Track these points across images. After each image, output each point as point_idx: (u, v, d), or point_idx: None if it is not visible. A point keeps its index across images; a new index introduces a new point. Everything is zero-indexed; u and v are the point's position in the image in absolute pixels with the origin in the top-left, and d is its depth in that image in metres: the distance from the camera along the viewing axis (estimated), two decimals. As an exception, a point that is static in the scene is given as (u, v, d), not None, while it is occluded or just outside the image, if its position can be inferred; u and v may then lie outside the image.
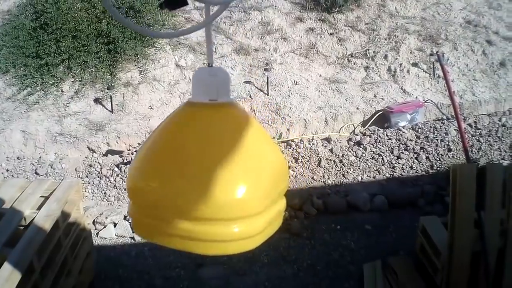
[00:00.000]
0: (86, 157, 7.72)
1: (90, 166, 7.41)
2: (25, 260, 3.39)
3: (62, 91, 8.62)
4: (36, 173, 7.52)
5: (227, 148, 1.30)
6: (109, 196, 6.93)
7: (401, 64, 9.06)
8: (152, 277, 5.28)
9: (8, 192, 4.38)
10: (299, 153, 7.28)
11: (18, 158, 7.94)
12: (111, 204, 6.84)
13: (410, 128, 7.66)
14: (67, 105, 8.42)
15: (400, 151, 7.17)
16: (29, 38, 9.06)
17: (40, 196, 4.34)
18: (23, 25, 9.25)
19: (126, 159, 7.29)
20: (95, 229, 6.22)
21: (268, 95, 8.23)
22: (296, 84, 8.68)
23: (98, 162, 7.42)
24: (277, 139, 7.58)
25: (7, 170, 7.71)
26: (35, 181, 4.61)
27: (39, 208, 4.09)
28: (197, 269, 5.36)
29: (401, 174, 6.84)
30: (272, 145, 1.49)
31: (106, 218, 6.35)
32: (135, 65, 8.77)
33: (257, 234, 1.33)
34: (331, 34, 9.63)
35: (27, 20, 9.33)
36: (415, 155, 7.09)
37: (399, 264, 4.81)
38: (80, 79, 8.67)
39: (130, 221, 6.21)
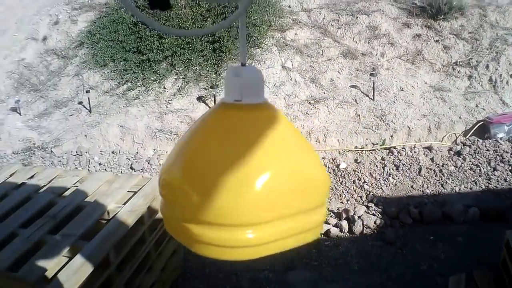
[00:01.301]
0: None
1: None
2: (100, 254, 3.68)
3: (164, 88, 9.09)
4: (131, 168, 8.02)
5: (238, 153, 1.30)
6: None
7: (501, 75, 8.95)
8: (240, 278, 5.41)
9: (94, 185, 4.71)
10: (400, 160, 7.33)
11: (113, 152, 8.48)
12: None
13: (507, 140, 7.60)
14: (169, 102, 8.87)
15: (497, 162, 7.12)
16: (130, 33, 9.55)
17: (128, 191, 4.64)
18: (123, 19, 9.79)
19: None
20: None
21: (373, 100, 8.29)
22: (402, 90, 8.72)
23: (196, 160, 7.65)
24: (380, 145, 7.63)
25: (100, 164, 8.30)
26: (123, 175, 4.94)
27: (125, 203, 4.37)
28: (286, 273, 5.46)
29: (495, 186, 6.77)
30: (305, 154, 1.46)
31: None
32: (242, 66, 8.95)
33: (252, 245, 1.35)
34: (436, 41, 9.61)
35: (127, 14, 9.86)
36: (510, 168, 7.01)
37: (481, 278, 4.80)
38: (183, 76, 9.09)
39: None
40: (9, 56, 10.95)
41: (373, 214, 6.26)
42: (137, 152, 8.28)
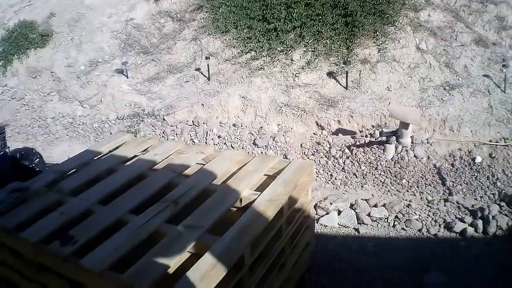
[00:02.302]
0: (314, 134, 7.72)
1: (318, 144, 7.40)
2: (235, 253, 3.11)
3: (292, 60, 8.70)
4: (254, 143, 7.69)
5: None
6: (335, 179, 6.89)
7: None
8: (372, 278, 5.14)
9: (223, 165, 4.25)
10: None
11: (234, 125, 8.15)
12: (336, 188, 6.80)
13: None
14: (297, 75, 8.48)
15: None
16: (255, 0, 9.23)
17: (264, 175, 4.18)
18: (248, -15, 9.47)
19: (358, 142, 7.16)
20: (316, 214, 6.14)
21: (505, 92, 7.84)
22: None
23: (327, 141, 7.38)
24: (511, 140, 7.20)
25: (219, 137, 7.99)
26: (258, 156, 4.45)
27: (260, 190, 3.85)
28: (422, 274, 5.14)
29: None
30: None
31: (331, 204, 6.25)
32: (374, 42, 8.61)
33: None
34: None
35: (252, -22, 9.56)
36: None
37: None
38: (312, 49, 8.68)
39: (356, 210, 6.13)
40: (115, 15, 10.79)
41: (506, 215, 5.92)
42: (261, 127, 7.91)
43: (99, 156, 4.64)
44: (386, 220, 5.98)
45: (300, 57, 8.71)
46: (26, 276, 3.54)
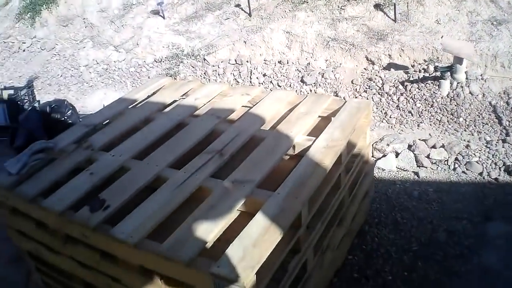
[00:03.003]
0: (364, 69, 7.37)
1: (370, 80, 7.07)
2: (291, 211, 2.75)
3: None
4: (302, 81, 7.41)
5: None
6: (390, 117, 6.57)
7: None
8: (435, 227, 4.84)
9: (273, 107, 3.96)
10: None
11: (279, 62, 7.86)
12: (392, 127, 6.49)
13: None
14: (343, 7, 8.13)
15: None
16: None
17: (318, 116, 3.86)
18: None
19: (412, 77, 6.82)
20: (372, 156, 5.81)
21: None
22: None
23: (380, 76, 7.03)
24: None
25: (264, 75, 7.72)
26: (310, 96, 4.09)
27: (314, 134, 3.52)
28: (485, 224, 4.86)
29: None
30: None
31: (388, 145, 5.96)
32: (418, -28, 8.20)
33: None
34: None
35: None
36: None
37: None
38: None
39: (415, 152, 5.82)
40: (145, -50, 10.57)
41: None
42: (308, 63, 7.59)
43: (134, 104, 4.43)
44: (446, 162, 5.67)
45: None
46: (53, 249, 3.33)
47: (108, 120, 4.18)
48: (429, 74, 6.75)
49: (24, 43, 10.56)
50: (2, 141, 6.96)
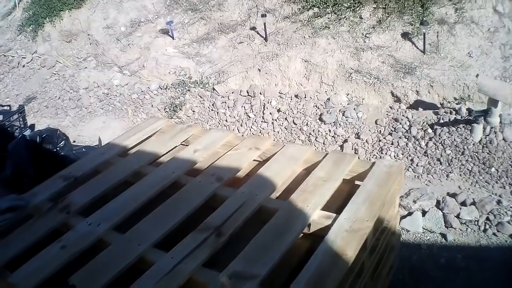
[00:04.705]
0: (390, 107, 7.09)
1: (395, 120, 6.78)
2: None
3: (360, 18, 8.18)
4: (320, 119, 7.14)
5: None
6: (417, 165, 6.30)
7: None
8: None
9: (286, 168, 3.59)
10: None
11: (296, 96, 7.58)
12: (418, 177, 6.22)
13: None
14: (367, 35, 7.93)
15: None
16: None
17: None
18: None
19: (442, 119, 6.52)
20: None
21: None
22: None
23: (406, 117, 6.73)
24: None
25: (279, 111, 7.48)
26: (330, 155, 3.71)
27: (334, 204, 3.19)
28: None
29: None
30: None
31: (414, 202, 5.67)
32: (450, 0, 7.95)
33: None
34: None
35: None
36: None
37: None
38: (383, 6, 8.14)
39: (444, 210, 5.55)
40: (158, -32, 10.37)
41: None
42: (327, 99, 7.34)
43: (125, 151, 4.17)
44: (476, 223, 5.41)
45: (370, 14, 8.19)
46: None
47: (91, 172, 3.92)
48: (461, 117, 6.45)
49: (24, 58, 10.46)
50: None
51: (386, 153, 6.49)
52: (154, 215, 3.18)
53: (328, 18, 8.33)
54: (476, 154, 6.18)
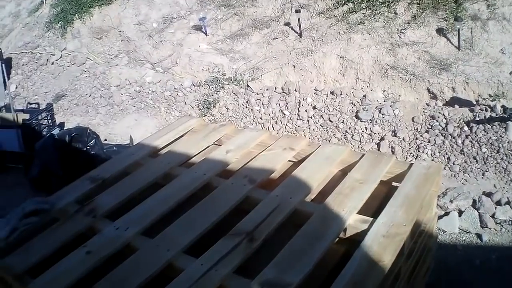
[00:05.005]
0: (426, 104, 7.08)
1: (432, 118, 6.78)
2: None
3: (395, 13, 8.20)
4: (356, 117, 7.16)
5: None
6: (453, 164, 6.31)
7: None
8: None
9: (322, 169, 3.51)
10: None
11: (332, 93, 7.59)
12: (454, 176, 6.24)
13: None
14: (403, 31, 7.97)
15: None
16: None
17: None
18: None
19: (478, 116, 6.50)
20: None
21: None
22: None
23: (443, 114, 6.70)
24: None
25: (314, 108, 7.49)
26: (367, 156, 3.63)
27: (371, 207, 3.12)
28: None
29: None
30: None
31: (451, 201, 5.68)
32: (485, -5, 7.82)
33: None
34: None
35: None
36: None
37: None
38: (418, 1, 8.19)
39: (479, 210, 5.57)
40: (190, -37, 10.34)
41: None
42: (364, 96, 7.38)
43: (154, 152, 4.12)
44: (510, 222, 5.43)
45: (405, 10, 8.21)
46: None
47: (120, 174, 3.86)
48: (496, 114, 6.46)
49: (53, 55, 10.61)
50: (17, 169, 7.00)
51: (423, 151, 6.49)
52: (184, 219, 3.12)
53: (363, 13, 8.35)
54: (511, 152, 6.19)
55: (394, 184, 3.48)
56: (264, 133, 4.26)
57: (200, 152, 4.08)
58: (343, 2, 8.61)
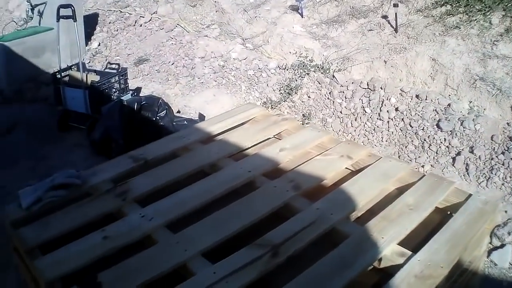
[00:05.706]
0: (507, 124, 6.98)
1: (511, 139, 6.72)
2: None
3: (490, 23, 8.17)
4: (437, 125, 7.13)
5: None
6: None
7: None
8: None
9: (376, 186, 3.57)
10: None
11: (417, 96, 7.57)
12: None
13: None
14: (495, 43, 7.92)
15: None
16: None
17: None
18: None
19: None
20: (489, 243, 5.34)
21: None
22: None
23: (524, 136, 6.28)
24: None
25: (396, 109, 7.43)
26: (426, 179, 3.72)
27: (415, 234, 3.07)
28: None
29: None
30: None
31: (509, 233, 5.53)
32: None
33: None
34: None
35: None
36: None
37: None
38: (511, 15, 8.09)
39: None
40: None
41: None
42: (448, 104, 7.32)
43: (207, 138, 4.19)
44: None
45: (499, 21, 8.13)
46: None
47: (164, 157, 3.97)
48: None
49: (143, 17, 10.89)
50: (81, 130, 7.23)
51: (495, 174, 6.38)
52: (212, 218, 3.14)
53: (460, 17, 8.32)
54: None
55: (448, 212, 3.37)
56: (325, 134, 4.28)
57: (254, 145, 4.14)
58: (442, 2, 8.65)
